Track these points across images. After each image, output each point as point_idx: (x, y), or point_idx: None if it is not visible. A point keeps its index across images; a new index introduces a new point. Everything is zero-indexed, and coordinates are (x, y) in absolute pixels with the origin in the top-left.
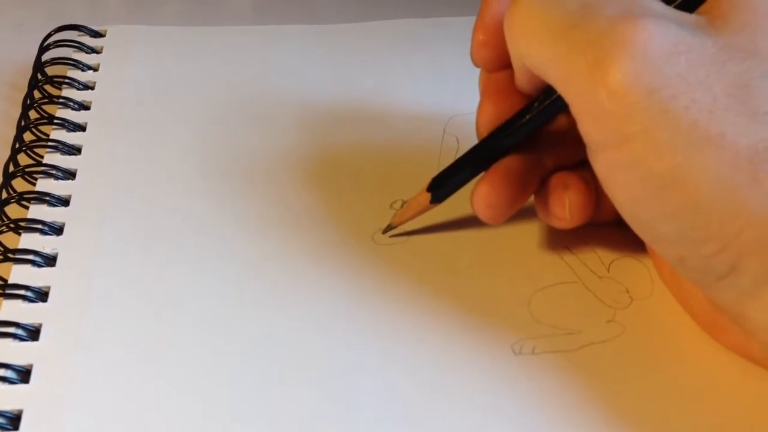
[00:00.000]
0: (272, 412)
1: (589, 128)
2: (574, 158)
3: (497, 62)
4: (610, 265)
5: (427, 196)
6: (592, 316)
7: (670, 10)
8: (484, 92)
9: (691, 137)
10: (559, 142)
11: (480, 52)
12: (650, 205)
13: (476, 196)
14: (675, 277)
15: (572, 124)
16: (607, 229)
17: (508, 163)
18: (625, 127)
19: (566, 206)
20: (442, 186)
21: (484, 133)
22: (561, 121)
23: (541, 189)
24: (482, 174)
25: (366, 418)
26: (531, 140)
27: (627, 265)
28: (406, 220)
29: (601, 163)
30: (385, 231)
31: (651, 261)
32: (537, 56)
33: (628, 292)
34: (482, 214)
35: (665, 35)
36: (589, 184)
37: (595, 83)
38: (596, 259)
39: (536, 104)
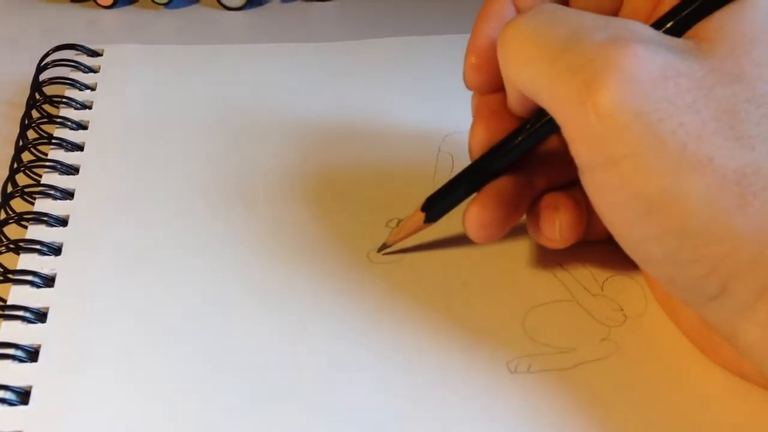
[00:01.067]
0: (266, 427)
1: (579, 149)
2: (565, 178)
3: (489, 85)
4: (603, 282)
5: (422, 215)
6: (586, 334)
7: (659, 35)
8: (477, 114)
9: (679, 160)
10: (550, 162)
11: (472, 74)
12: (639, 227)
13: (468, 216)
14: (667, 295)
15: (563, 145)
16: (600, 246)
17: (500, 184)
18: (614, 149)
19: (556, 227)
20: (436, 206)
21: (477, 154)
22: (552, 141)
23: (533, 209)
24: (474, 195)
25: None
26: (522, 161)
27: (620, 282)
28: (401, 239)
29: (591, 184)
30: (380, 250)
31: (644, 279)
32: (528, 80)
33: (621, 309)
34: (474, 234)
35: (654, 60)
36: (579, 204)
37: (584, 106)
38: (590, 276)
39: (528, 126)
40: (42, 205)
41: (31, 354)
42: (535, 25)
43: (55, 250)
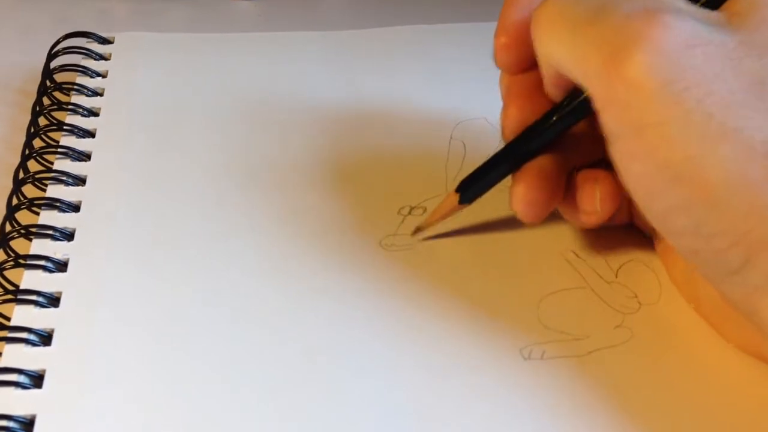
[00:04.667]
0: (282, 416)
1: (607, 119)
2: (595, 156)
3: (520, 64)
4: (618, 270)
5: (456, 197)
6: (600, 322)
7: (689, 6)
8: (508, 95)
9: (705, 130)
10: (583, 141)
11: (502, 54)
12: (664, 197)
13: (515, 196)
14: (685, 276)
15: (592, 123)
16: (615, 233)
17: (540, 162)
18: (640, 118)
19: (596, 198)
20: (471, 187)
21: (510, 136)
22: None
23: (568, 187)
24: (515, 175)
25: (375, 422)
26: (556, 140)
27: (635, 270)
28: (435, 222)
29: (618, 154)
30: (414, 233)
31: (659, 266)
32: (560, 54)
33: (636, 297)
34: (522, 213)
35: (682, 28)
36: (615, 177)
37: (612, 76)
38: (604, 263)
39: (564, 104)
40: (54, 191)
41: (45, 338)
42: (566, 0)
43: (68, 235)
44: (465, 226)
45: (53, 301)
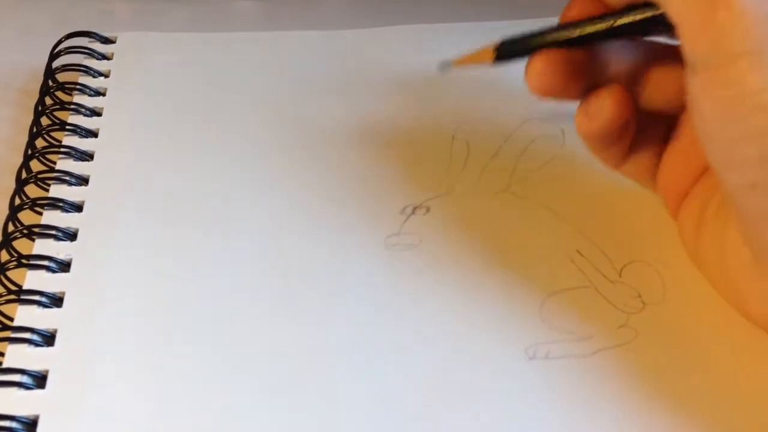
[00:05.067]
0: (284, 415)
1: (695, 45)
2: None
3: None
4: (622, 269)
5: (491, 53)
6: (604, 321)
7: None
8: None
9: None
10: (627, 67)
11: None
12: (739, 125)
13: (532, 60)
14: (698, 244)
15: (644, 59)
16: (619, 232)
17: (573, 50)
18: (736, 46)
19: (601, 97)
20: (508, 48)
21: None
22: (636, 52)
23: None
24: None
25: (379, 420)
26: (603, 51)
27: (639, 269)
28: (462, 65)
29: (700, 79)
30: (440, 68)
31: (663, 265)
32: None
33: (640, 296)
34: (531, 78)
35: None
36: (631, 98)
37: (715, 2)
38: (608, 263)
39: (626, 13)
40: (57, 190)
41: (48, 339)
42: None
43: (71, 235)
44: (470, 223)
45: (56, 301)
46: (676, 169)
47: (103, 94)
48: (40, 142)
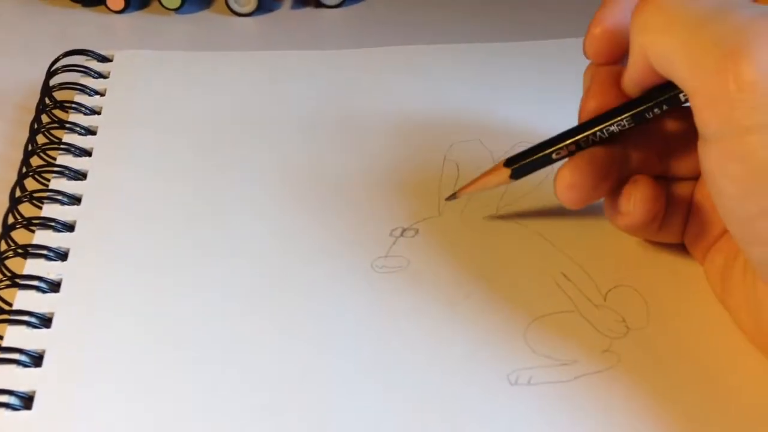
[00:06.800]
0: None
1: (709, 118)
2: (656, 169)
3: (609, 55)
4: (606, 294)
5: (506, 171)
6: (588, 346)
7: None
8: (592, 84)
9: None
10: (645, 147)
11: (593, 43)
12: (757, 200)
13: (558, 176)
14: (727, 291)
15: (660, 134)
16: (604, 257)
17: (595, 151)
18: (749, 118)
19: (632, 199)
20: (523, 164)
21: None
22: (652, 128)
23: (616, 189)
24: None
25: None
26: (624, 139)
27: (623, 294)
28: (475, 191)
29: (715, 153)
30: (448, 198)
31: (648, 290)
32: (665, 46)
33: (624, 321)
34: (561, 194)
35: None
36: (659, 185)
37: (725, 73)
38: (593, 287)
39: (638, 104)
40: (50, 210)
41: (36, 359)
42: None
43: (62, 255)
44: (457, 249)
45: (45, 321)
46: (701, 228)
47: (99, 113)
48: (35, 160)
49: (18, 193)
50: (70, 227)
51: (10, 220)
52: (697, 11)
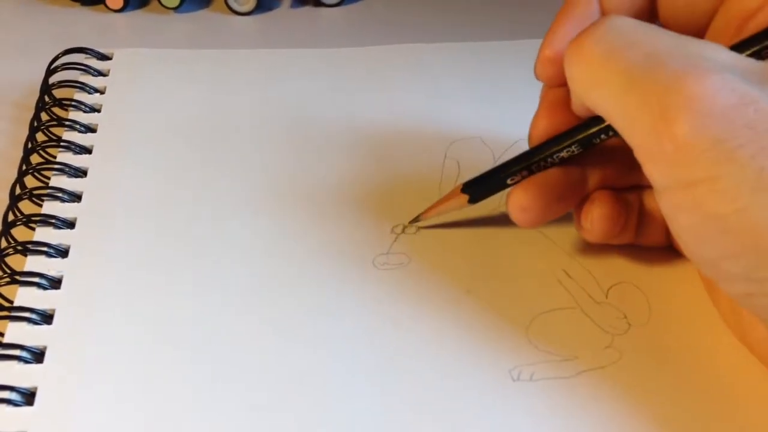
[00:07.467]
0: None
1: (652, 173)
2: (621, 182)
3: (560, 79)
4: (608, 290)
5: (464, 197)
6: (589, 342)
7: (737, 59)
8: (542, 105)
9: (757, 182)
10: (606, 164)
11: (545, 67)
12: (714, 246)
13: (510, 198)
14: (734, 312)
15: (621, 149)
16: (606, 254)
17: (549, 173)
18: (689, 174)
19: (589, 218)
20: (480, 188)
21: (535, 143)
22: (611, 143)
23: (580, 204)
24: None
25: None
26: (578, 157)
27: (625, 290)
28: (434, 216)
29: (665, 203)
30: (411, 222)
31: (649, 287)
32: (598, 101)
33: (625, 317)
34: (514, 216)
35: (732, 90)
36: (619, 200)
37: (660, 135)
38: (594, 284)
39: (589, 125)
40: (50, 207)
41: (37, 355)
42: (605, 47)
43: (62, 252)
44: (457, 245)
45: (46, 318)
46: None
47: (99, 111)
48: (35, 158)
49: (18, 191)
50: (70, 224)
51: (11, 217)
52: (627, 66)
